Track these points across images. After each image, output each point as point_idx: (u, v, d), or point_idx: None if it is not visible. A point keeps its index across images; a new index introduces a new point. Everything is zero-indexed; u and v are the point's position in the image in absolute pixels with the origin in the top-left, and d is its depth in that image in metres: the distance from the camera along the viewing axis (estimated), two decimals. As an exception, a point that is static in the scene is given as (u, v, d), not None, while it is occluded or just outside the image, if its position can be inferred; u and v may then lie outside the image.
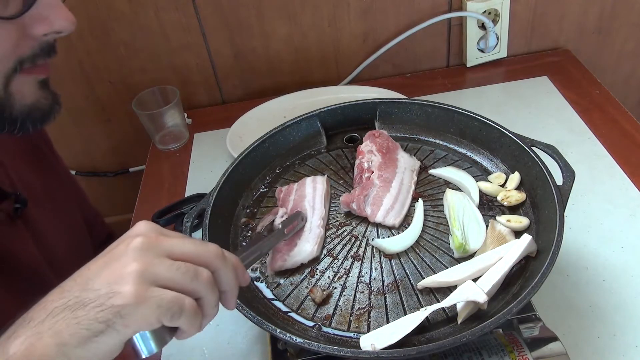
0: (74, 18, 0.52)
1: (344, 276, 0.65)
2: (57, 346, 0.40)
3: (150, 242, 0.44)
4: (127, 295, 0.41)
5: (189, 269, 0.43)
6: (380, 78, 1.25)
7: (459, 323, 0.58)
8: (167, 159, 1.12)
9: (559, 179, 0.65)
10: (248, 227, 0.72)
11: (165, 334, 0.44)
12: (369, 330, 0.59)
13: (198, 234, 0.68)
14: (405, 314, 0.59)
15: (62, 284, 0.43)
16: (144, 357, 0.44)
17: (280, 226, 0.66)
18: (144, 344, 0.44)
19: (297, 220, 0.67)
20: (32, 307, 0.42)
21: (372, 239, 0.68)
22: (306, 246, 0.67)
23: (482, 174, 0.75)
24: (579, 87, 1.12)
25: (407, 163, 0.76)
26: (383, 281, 0.63)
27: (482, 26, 1.16)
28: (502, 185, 0.72)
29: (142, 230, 0.45)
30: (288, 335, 0.54)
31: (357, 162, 0.76)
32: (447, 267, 0.63)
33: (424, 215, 0.70)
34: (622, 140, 0.97)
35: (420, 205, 0.70)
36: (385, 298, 0.62)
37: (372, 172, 0.73)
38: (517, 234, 0.65)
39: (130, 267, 0.42)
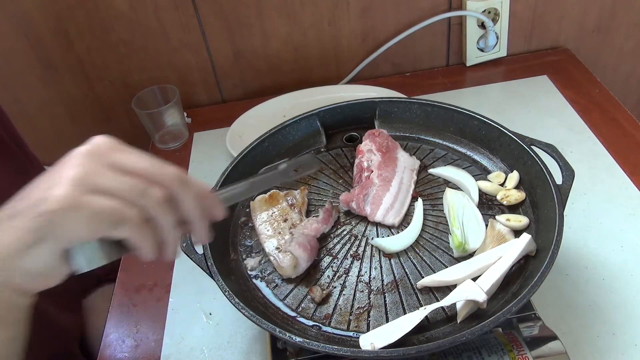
0: None
1: (344, 275, 0.65)
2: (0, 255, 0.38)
3: (98, 151, 0.39)
4: (57, 199, 0.36)
5: (136, 184, 0.39)
6: (380, 77, 1.25)
7: (458, 322, 0.58)
8: (167, 158, 1.12)
9: (558, 178, 0.65)
10: (247, 226, 0.72)
11: (108, 249, 0.40)
12: (368, 330, 0.59)
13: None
14: (405, 313, 0.59)
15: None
16: (70, 271, 0.40)
17: (284, 165, 0.54)
18: (74, 257, 0.39)
19: (309, 164, 0.55)
20: None
21: (372, 238, 0.68)
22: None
23: (481, 173, 0.75)
24: (579, 86, 1.12)
25: (406, 162, 0.76)
26: (382, 280, 0.63)
27: (482, 25, 1.16)
28: (502, 185, 0.72)
29: (96, 140, 0.41)
30: (287, 334, 0.54)
31: (356, 161, 0.76)
32: (447, 267, 0.63)
33: (424, 214, 0.70)
34: (621, 139, 0.97)
35: (419, 204, 0.70)
36: (384, 297, 0.62)
37: (372, 171, 0.73)
38: (517, 233, 0.65)
39: (68, 172, 0.38)
